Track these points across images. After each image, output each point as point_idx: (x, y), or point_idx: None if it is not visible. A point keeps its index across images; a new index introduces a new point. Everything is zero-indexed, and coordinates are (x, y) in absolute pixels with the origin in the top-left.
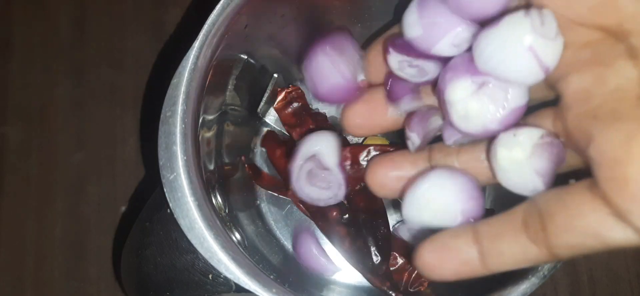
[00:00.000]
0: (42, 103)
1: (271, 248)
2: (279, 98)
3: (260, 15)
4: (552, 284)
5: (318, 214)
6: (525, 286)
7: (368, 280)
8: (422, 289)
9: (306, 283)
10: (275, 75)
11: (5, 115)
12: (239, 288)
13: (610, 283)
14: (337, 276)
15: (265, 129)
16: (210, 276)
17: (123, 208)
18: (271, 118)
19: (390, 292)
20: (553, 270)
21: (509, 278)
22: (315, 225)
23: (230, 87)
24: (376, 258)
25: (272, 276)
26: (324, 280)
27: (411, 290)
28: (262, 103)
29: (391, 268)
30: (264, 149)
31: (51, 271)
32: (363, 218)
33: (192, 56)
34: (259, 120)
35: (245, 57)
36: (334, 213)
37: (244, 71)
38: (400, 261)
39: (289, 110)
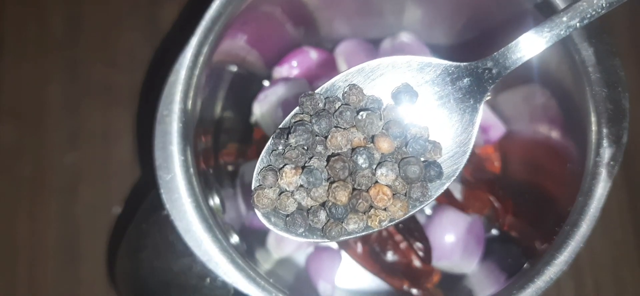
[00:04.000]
0: (35, 102)
1: (270, 252)
2: (258, 138)
3: (259, 12)
4: (557, 288)
5: None
6: (530, 290)
7: (385, 280)
8: (429, 286)
9: (305, 287)
10: (265, 82)
11: None
12: (237, 292)
13: (615, 288)
14: (337, 282)
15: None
16: (207, 280)
17: (118, 210)
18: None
19: (412, 290)
20: (559, 273)
21: (515, 282)
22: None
23: (226, 86)
24: (419, 251)
25: (271, 280)
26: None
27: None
28: (253, 117)
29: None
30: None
31: (44, 274)
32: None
33: (189, 53)
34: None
35: (242, 55)
36: None
37: (239, 71)
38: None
39: None
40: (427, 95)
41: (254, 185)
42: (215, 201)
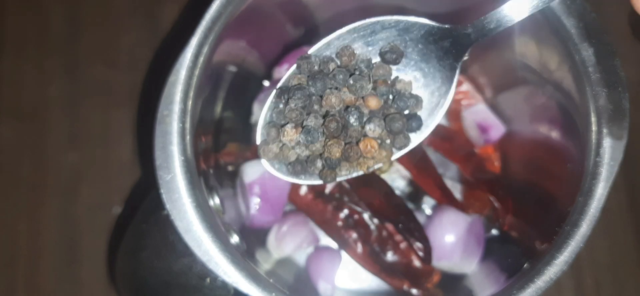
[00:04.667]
0: (35, 102)
1: (270, 252)
2: None
3: (259, 12)
4: (557, 288)
5: (324, 222)
6: (530, 290)
7: (385, 280)
8: (430, 286)
9: (306, 287)
10: (265, 82)
11: None
12: (237, 292)
13: (615, 288)
14: (337, 282)
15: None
16: (207, 280)
17: (118, 210)
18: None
19: (412, 290)
20: (559, 273)
21: (515, 282)
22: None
23: (226, 86)
24: (419, 252)
25: (271, 280)
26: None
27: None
28: (253, 117)
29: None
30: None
31: (44, 274)
32: (391, 219)
33: (189, 53)
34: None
35: (242, 55)
36: (339, 219)
37: (239, 71)
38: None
39: None
40: (411, 52)
41: (259, 139)
42: (215, 201)
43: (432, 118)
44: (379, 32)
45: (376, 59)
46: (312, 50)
